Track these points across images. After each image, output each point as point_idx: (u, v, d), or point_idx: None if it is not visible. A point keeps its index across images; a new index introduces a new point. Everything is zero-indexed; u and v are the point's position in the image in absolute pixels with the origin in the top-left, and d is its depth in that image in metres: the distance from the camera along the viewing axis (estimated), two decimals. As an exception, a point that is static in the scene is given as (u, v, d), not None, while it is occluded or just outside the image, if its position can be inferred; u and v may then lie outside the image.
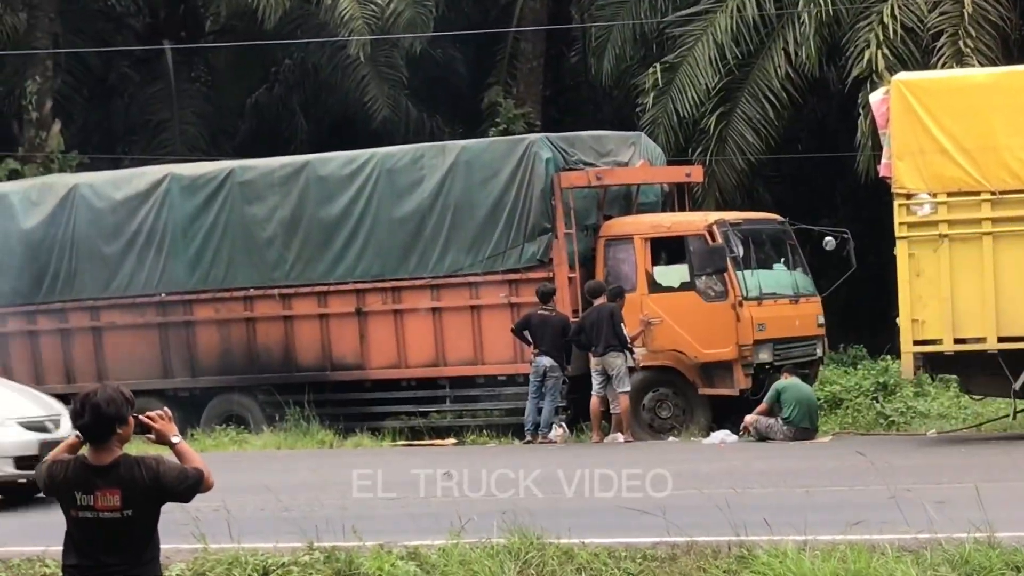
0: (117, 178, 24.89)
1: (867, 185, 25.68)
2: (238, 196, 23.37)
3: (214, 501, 11.05)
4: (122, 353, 23.99)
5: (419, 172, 22.55)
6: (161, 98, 33.98)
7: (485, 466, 15.11)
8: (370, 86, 31.33)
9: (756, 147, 27.40)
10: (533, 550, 10.84)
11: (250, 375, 23.42)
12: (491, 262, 22.04)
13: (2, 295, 24.68)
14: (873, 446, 17.46)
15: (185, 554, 11.47)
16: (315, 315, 23.07)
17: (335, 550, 11.11)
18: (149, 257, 23.75)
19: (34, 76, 31.63)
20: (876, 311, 27.41)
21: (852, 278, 22.53)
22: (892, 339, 20.95)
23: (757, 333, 21.11)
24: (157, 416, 7.31)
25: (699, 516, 11.22)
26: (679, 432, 21.15)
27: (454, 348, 22.32)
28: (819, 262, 23.90)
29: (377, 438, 22.35)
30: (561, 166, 21.97)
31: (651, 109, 27.46)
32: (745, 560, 10.41)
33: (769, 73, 27.25)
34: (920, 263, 18.44)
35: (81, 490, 7.13)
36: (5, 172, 30.33)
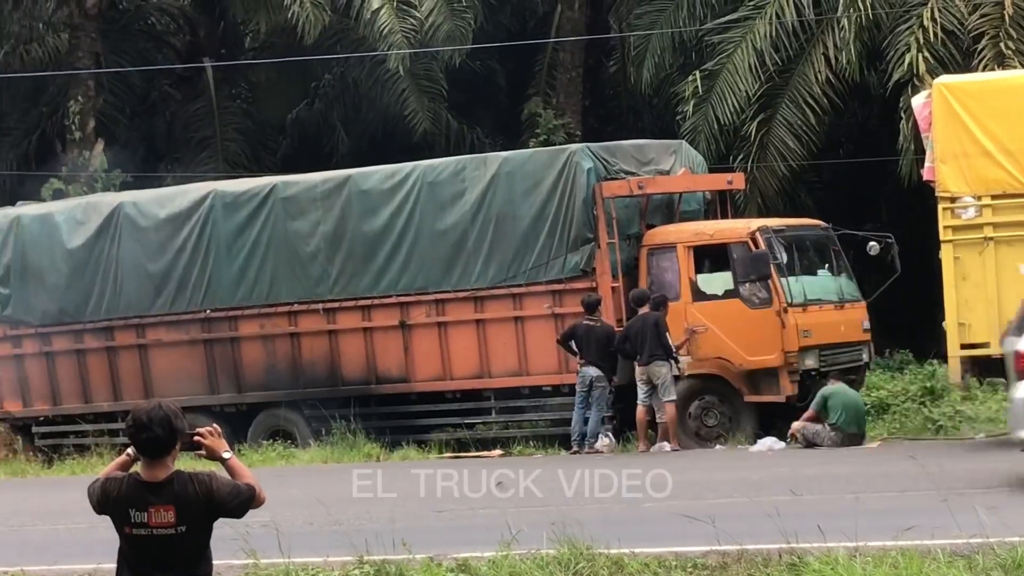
0: (161, 196, 25.01)
1: (910, 189, 25.58)
2: (281, 212, 23.45)
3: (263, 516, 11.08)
4: (168, 370, 24.10)
5: (461, 184, 22.59)
6: (202, 115, 34.14)
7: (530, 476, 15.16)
8: (410, 99, 31.39)
9: (797, 153, 27.33)
10: (583, 560, 10.83)
11: (296, 390, 23.48)
12: (534, 273, 22.05)
13: (49, 314, 24.84)
14: (921, 451, 17.38)
15: (236, 570, 11.50)
16: (359, 329, 23.12)
17: (385, 564, 11.13)
18: (194, 274, 23.86)
19: (77, 96, 31.82)
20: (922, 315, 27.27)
21: (897, 282, 22.45)
22: (938, 343, 20.85)
23: (802, 339, 21.05)
24: (207, 432, 7.34)
25: (749, 524, 11.19)
26: (726, 440, 21.10)
27: (498, 359, 22.33)
28: (863, 267, 23.82)
29: (423, 450, 22.38)
30: (603, 176, 21.96)
31: (691, 117, 27.42)
32: (796, 567, 10.38)
33: (809, 79, 27.18)
34: (965, 266, 18.37)
35: (135, 507, 7.16)
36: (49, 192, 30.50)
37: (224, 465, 7.35)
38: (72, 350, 24.84)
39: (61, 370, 24.94)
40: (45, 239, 24.84)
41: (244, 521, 7.89)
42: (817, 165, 28.90)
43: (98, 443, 24.23)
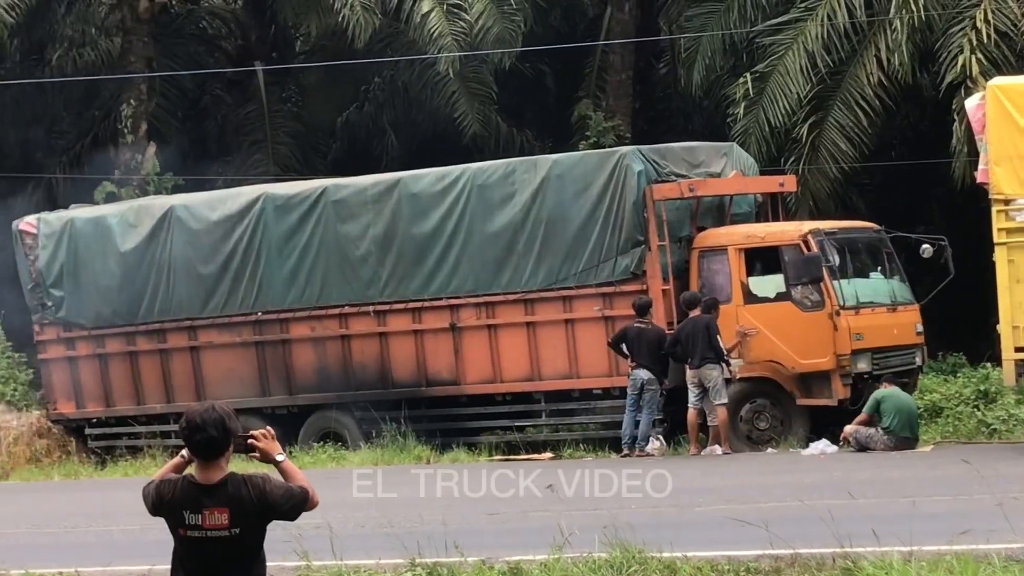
0: (212, 199, 25.12)
1: (963, 191, 25.41)
2: (332, 214, 23.51)
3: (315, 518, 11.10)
4: (220, 372, 24.21)
5: (511, 187, 22.59)
6: (253, 119, 34.24)
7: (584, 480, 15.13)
8: (460, 102, 31.40)
9: (849, 155, 27.19)
10: (635, 564, 10.80)
11: (346, 392, 23.53)
12: (584, 275, 22.02)
13: (102, 316, 24.98)
14: (975, 455, 17.26)
15: (289, 571, 11.52)
16: (410, 331, 23.15)
17: (437, 566, 11.13)
18: (245, 276, 23.96)
19: (129, 99, 31.97)
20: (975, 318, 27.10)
21: (950, 285, 22.30)
22: (992, 346, 20.72)
23: (855, 342, 20.95)
24: (261, 435, 7.35)
25: (802, 528, 11.14)
26: (777, 443, 21.02)
27: (549, 362, 22.31)
28: (915, 270, 23.67)
29: (474, 453, 22.38)
30: (653, 178, 21.92)
31: (742, 119, 27.32)
32: (850, 572, 10.32)
33: (861, 80, 27.04)
34: (1020, 269, 18.25)
35: (189, 509, 7.17)
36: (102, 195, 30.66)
37: (278, 467, 7.36)
38: (125, 352, 24.98)
39: (114, 372, 25.08)
40: (98, 242, 24.99)
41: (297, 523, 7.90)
42: (869, 167, 28.75)
43: (151, 445, 24.36)
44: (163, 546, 7.52)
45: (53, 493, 21.99)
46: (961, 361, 25.84)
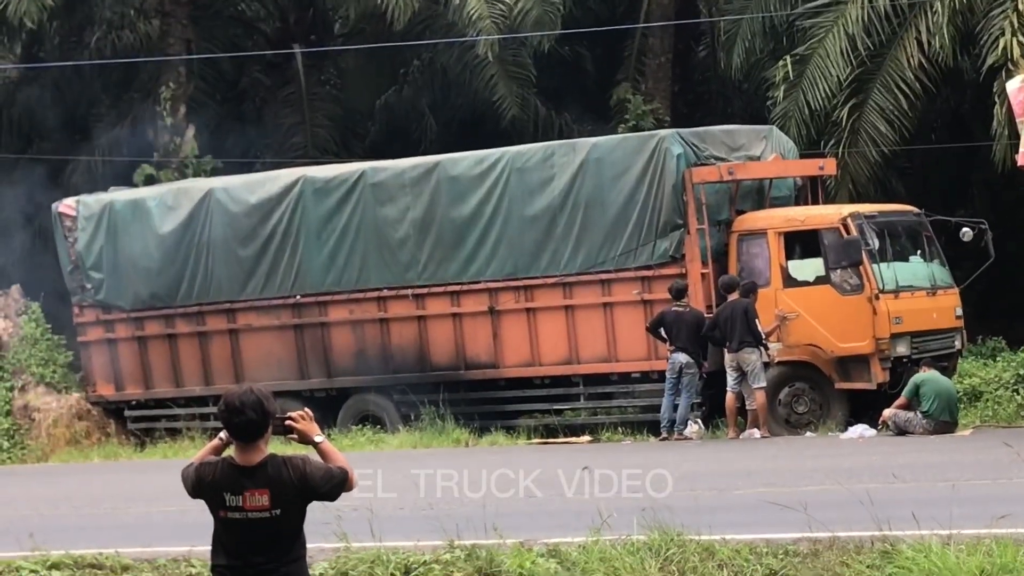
0: (251, 182, 25.18)
1: (1004, 175, 25.27)
2: (370, 197, 23.54)
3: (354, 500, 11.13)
4: (259, 354, 24.28)
5: (549, 170, 22.57)
6: (292, 102, 34.28)
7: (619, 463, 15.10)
8: (498, 85, 31.36)
9: (889, 138, 27.06)
10: (674, 546, 10.79)
11: (385, 375, 23.58)
12: (623, 259, 22.00)
13: (141, 299, 25.09)
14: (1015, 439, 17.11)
15: (328, 553, 11.55)
16: (448, 314, 23.18)
17: (476, 548, 11.14)
18: (284, 259, 24.02)
19: (168, 82, 32.05)
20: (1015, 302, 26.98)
21: (989, 269, 22.21)
22: (1032, 330, 20.63)
23: (894, 326, 20.89)
24: (299, 416, 7.37)
25: (841, 511, 11.11)
26: (816, 427, 20.97)
27: (587, 345, 22.31)
28: (955, 253, 23.56)
29: (512, 436, 22.40)
30: (692, 161, 21.88)
31: (782, 102, 27.21)
32: (889, 555, 10.29)
33: (902, 63, 26.90)
34: (1061, 253, 18.16)
35: (230, 491, 7.21)
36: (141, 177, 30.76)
37: (316, 449, 7.39)
38: (164, 334, 25.09)
39: (153, 354, 25.19)
40: (137, 224, 25.09)
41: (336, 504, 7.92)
42: (909, 151, 28.61)
43: (189, 427, 24.46)
44: (202, 528, 7.55)
45: (92, 475, 22.11)
46: (1000, 345, 25.73)
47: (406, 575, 11.16)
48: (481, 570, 10.84)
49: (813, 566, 10.43)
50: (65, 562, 12.28)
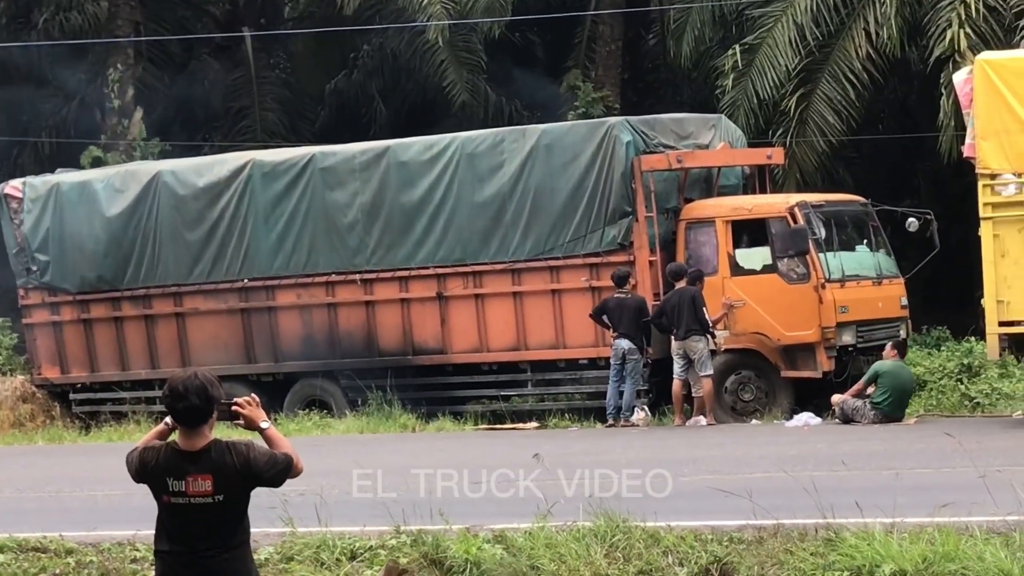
0: (199, 165, 25.08)
1: (949, 166, 25.44)
2: (319, 182, 23.48)
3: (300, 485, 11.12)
4: (206, 338, 24.20)
5: (499, 156, 22.58)
6: (241, 85, 34.17)
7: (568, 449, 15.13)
8: (449, 71, 31.34)
9: (837, 128, 27.19)
10: (619, 533, 10.83)
11: (332, 360, 23.54)
12: (572, 246, 22.03)
13: (87, 281, 24.95)
14: (958, 428, 17.30)
15: (273, 537, 11.54)
16: (396, 300, 23.16)
17: (422, 533, 11.15)
18: (231, 243, 23.93)
19: (116, 64, 31.88)
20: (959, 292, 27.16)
21: (935, 259, 22.35)
22: (976, 320, 20.76)
23: (840, 315, 21.00)
24: (245, 402, 7.36)
25: (786, 499, 11.18)
26: (762, 415, 21.07)
27: (535, 332, 22.34)
28: (901, 243, 23.71)
29: (459, 422, 22.42)
30: (641, 149, 21.93)
31: (731, 91, 27.30)
32: (832, 543, 10.36)
33: (850, 54, 27.02)
34: (1005, 243, 18.28)
35: (173, 476, 7.20)
36: (88, 160, 30.59)
37: (262, 435, 7.38)
38: (110, 318, 24.96)
39: (99, 337, 25.06)
40: (84, 207, 24.95)
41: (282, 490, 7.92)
42: (856, 141, 28.77)
43: (135, 411, 24.36)
44: (147, 512, 7.53)
45: (37, 458, 21.99)
46: (945, 335, 25.89)
47: (352, 560, 11.17)
48: (427, 555, 10.85)
49: (757, 553, 10.49)
50: (8, 545, 12.22)
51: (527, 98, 32.97)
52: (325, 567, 11.09)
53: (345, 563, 11.13)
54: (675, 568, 10.44)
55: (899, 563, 9.94)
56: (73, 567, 11.73)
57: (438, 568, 10.76)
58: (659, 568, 10.45)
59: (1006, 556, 9.91)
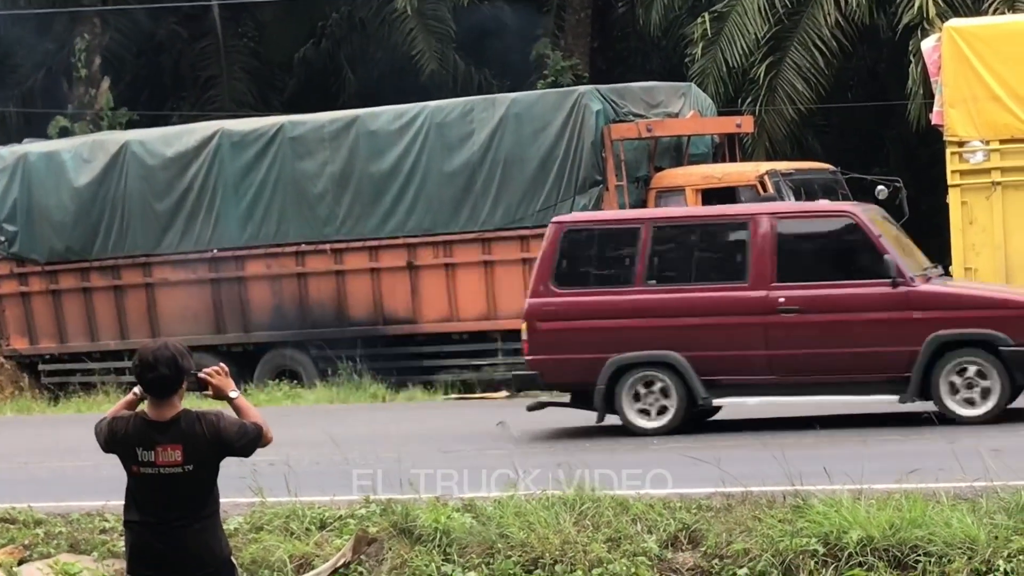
0: (168, 135, 24.99)
1: (918, 133, 25.52)
2: (289, 151, 23.42)
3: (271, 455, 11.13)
4: (175, 309, 24.13)
5: (469, 126, 22.54)
6: (209, 54, 34.06)
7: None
8: (417, 40, 31.29)
9: (806, 96, 27.24)
10: (588, 501, 10.87)
11: (302, 330, 23.52)
12: (542, 215, 21.99)
13: (55, 252, 24.87)
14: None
15: (243, 507, 11.55)
16: (367, 270, 23.13)
17: (391, 503, 11.16)
18: (200, 213, 23.86)
19: (83, 33, 31.75)
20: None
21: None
22: (945, 288, 20.78)
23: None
24: (214, 372, 7.35)
25: (754, 466, 11.23)
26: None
27: (506, 301, 22.32)
28: (870, 211, 23.74)
29: (429, 392, 22.43)
30: (611, 118, 21.92)
31: (700, 59, 27.32)
32: (801, 509, 10.41)
33: (819, 21, 27.06)
34: (973, 211, 18.37)
35: (142, 446, 7.18)
36: (55, 130, 30.47)
37: (231, 404, 7.37)
38: (79, 288, 24.88)
39: (68, 308, 24.98)
40: (52, 177, 24.83)
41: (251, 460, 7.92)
42: (825, 109, 28.82)
43: (104, 381, 24.30)
44: (116, 483, 7.53)
45: (5, 429, 21.93)
46: (914, 302, 25.95)
47: (321, 529, 11.18)
48: (396, 525, 10.87)
49: (725, 520, 10.53)
50: (-23, 517, 12.20)
51: (496, 67, 32.95)
52: (295, 536, 11.10)
53: (315, 532, 11.15)
54: (644, 535, 10.48)
55: (866, 529, 10.00)
56: (42, 538, 11.72)
57: (407, 537, 10.78)
58: (628, 536, 10.49)
59: (972, 522, 9.98)
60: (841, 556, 9.97)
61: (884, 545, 9.95)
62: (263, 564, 10.85)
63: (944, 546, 9.84)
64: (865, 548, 9.94)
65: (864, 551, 9.94)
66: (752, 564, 10.10)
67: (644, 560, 10.27)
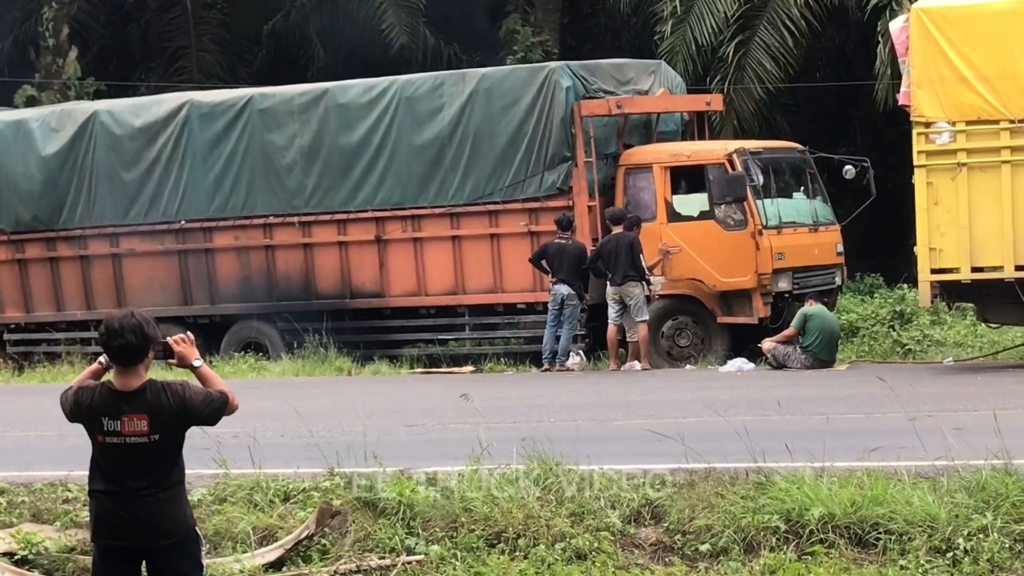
0: (137, 105, 24.91)
1: (885, 113, 25.61)
2: (258, 123, 23.37)
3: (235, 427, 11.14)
4: (142, 280, 24.10)
5: (439, 100, 22.53)
6: (178, 25, 33.92)
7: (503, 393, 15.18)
8: (387, 13, 31.23)
9: (774, 76, 27.31)
10: (552, 476, 10.91)
11: (269, 303, 23.51)
12: (511, 190, 22.06)
13: (22, 221, 24.79)
14: (890, 374, 17.49)
15: (207, 479, 11.55)
16: (335, 243, 23.12)
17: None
18: (168, 184, 23.81)
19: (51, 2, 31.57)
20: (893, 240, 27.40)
21: (869, 206, 22.52)
22: (909, 268, 20.95)
23: (776, 262, 21.13)
24: (179, 339, 7.38)
25: (717, 443, 11.28)
26: (696, 360, 21.20)
27: (473, 276, 22.38)
28: (836, 190, 23.87)
29: (395, 366, 22.46)
30: (581, 94, 21.93)
31: (669, 37, 27.36)
32: (763, 486, 10.47)
33: (788, 1, 27.12)
34: (938, 192, 18.43)
35: (108, 416, 7.20)
36: (22, 99, 30.33)
37: (195, 373, 7.40)
38: (45, 258, 24.81)
39: (34, 277, 24.91)
40: (19, 145, 24.74)
41: (215, 431, 7.95)
42: (793, 88, 28.89)
43: (69, 351, 24.26)
44: (80, 452, 7.54)
45: (-29, 398, 21.88)
46: (878, 282, 26.15)
47: (285, 502, 11.20)
48: (360, 498, 10.89)
49: (688, 496, 10.58)
50: (-60, 485, 12.18)
51: (466, 42, 32.91)
52: (258, 508, 11.11)
53: (278, 505, 11.16)
54: (607, 511, 10.53)
55: (828, 506, 10.07)
56: (4, 507, 11.70)
57: (371, 510, 10.81)
58: (591, 511, 10.53)
59: (933, 500, 10.05)
60: (802, 533, 10.03)
61: (845, 523, 10.02)
62: (226, 536, 10.87)
63: (905, 524, 9.92)
64: (826, 525, 10.01)
65: (825, 528, 10.01)
66: (714, 540, 10.17)
67: (607, 535, 10.32)
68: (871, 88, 26.16)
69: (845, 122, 31.04)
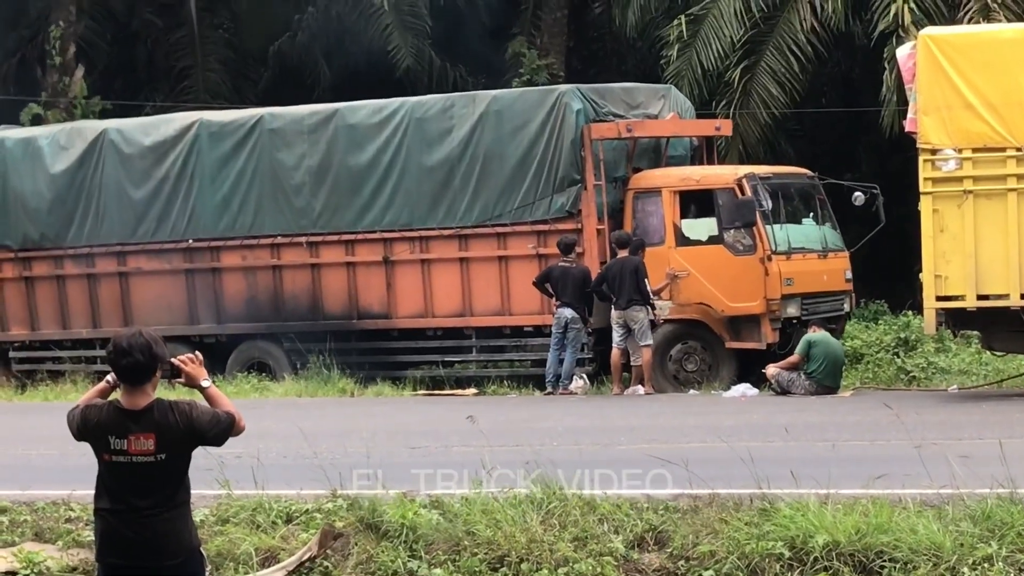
0: (146, 124, 24.94)
1: (891, 140, 25.60)
2: (267, 143, 23.39)
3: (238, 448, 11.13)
4: (149, 298, 24.09)
5: (449, 121, 22.54)
6: (184, 44, 33.98)
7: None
8: (393, 35, 31.28)
9: (780, 101, 27.32)
10: (555, 500, 10.89)
11: (276, 323, 23.49)
12: (519, 213, 22.05)
13: (30, 238, 24.80)
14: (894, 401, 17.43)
15: (209, 499, 11.54)
16: (342, 263, 23.12)
17: (358, 497, 11.17)
18: (177, 203, 23.82)
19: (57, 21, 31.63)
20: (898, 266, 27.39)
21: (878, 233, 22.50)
22: (914, 294, 20.96)
23: (785, 287, 21.10)
24: (188, 359, 7.37)
25: (721, 468, 11.25)
26: (701, 385, 21.16)
27: (481, 298, 22.35)
28: (842, 216, 23.87)
29: (398, 387, 22.41)
30: (591, 117, 21.94)
31: (675, 61, 27.38)
32: (767, 513, 10.44)
33: (794, 26, 27.15)
34: (944, 219, 18.41)
35: (115, 434, 7.19)
36: (29, 117, 30.37)
37: (203, 393, 7.39)
38: (52, 276, 24.82)
39: (40, 295, 24.91)
40: (28, 163, 24.77)
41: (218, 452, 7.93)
42: (799, 113, 28.91)
43: (74, 370, 24.24)
44: (83, 471, 7.53)
45: (-26, 416, 21.86)
46: (883, 308, 26.13)
47: (288, 523, 11.18)
48: (363, 520, 10.88)
49: (692, 522, 10.56)
50: (-59, 504, 12.17)
51: (471, 65, 32.96)
52: (261, 529, 11.09)
53: (281, 526, 11.15)
54: (610, 535, 10.50)
55: (832, 534, 10.04)
56: (7, 526, 11.69)
57: (374, 532, 10.79)
58: (595, 535, 10.51)
59: (938, 528, 10.02)
60: (807, 560, 10.00)
61: (850, 550, 9.99)
62: (229, 557, 10.85)
63: (909, 552, 9.89)
64: (831, 553, 9.98)
65: (830, 556, 9.98)
66: (718, 566, 10.14)
67: (610, 560, 10.29)
68: (877, 114, 26.17)
69: (850, 148, 31.05)
